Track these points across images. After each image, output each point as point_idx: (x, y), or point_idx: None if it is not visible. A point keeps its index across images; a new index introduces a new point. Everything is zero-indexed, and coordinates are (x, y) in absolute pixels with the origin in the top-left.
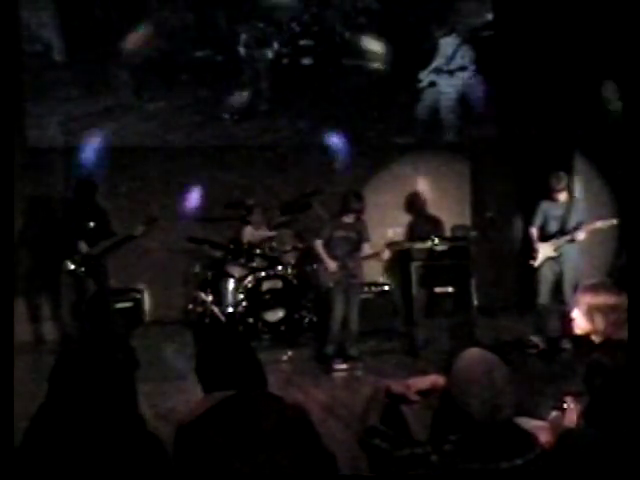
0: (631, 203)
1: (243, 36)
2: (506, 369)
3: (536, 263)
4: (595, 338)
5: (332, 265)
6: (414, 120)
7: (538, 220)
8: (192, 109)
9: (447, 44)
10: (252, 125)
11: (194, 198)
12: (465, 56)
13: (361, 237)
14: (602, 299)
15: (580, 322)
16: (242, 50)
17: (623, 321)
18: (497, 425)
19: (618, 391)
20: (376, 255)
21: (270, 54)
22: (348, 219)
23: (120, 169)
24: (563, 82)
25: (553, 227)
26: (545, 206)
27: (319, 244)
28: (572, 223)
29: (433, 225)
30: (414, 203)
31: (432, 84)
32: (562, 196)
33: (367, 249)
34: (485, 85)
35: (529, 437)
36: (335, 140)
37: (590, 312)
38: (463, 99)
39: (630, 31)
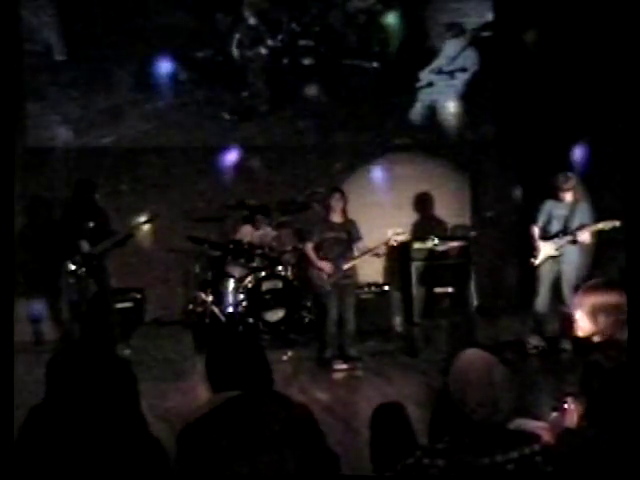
0: (632, 204)
1: (236, 36)
2: (505, 369)
3: (537, 261)
4: (597, 339)
5: (327, 267)
6: (414, 120)
7: (542, 219)
8: (192, 109)
9: (452, 45)
10: (252, 125)
11: (194, 198)
12: (468, 57)
13: (352, 237)
14: (606, 298)
15: (583, 324)
16: (236, 50)
17: (624, 321)
18: (493, 424)
19: (616, 392)
20: (371, 251)
21: (264, 52)
22: (337, 219)
23: (120, 169)
24: (564, 82)
25: (556, 226)
26: (550, 205)
27: (310, 248)
28: (575, 224)
29: (435, 225)
30: (418, 203)
31: (432, 84)
32: (568, 196)
33: (361, 247)
34: (486, 86)
35: (525, 434)
36: (336, 140)
37: (594, 312)
38: (463, 99)
39: (632, 29)
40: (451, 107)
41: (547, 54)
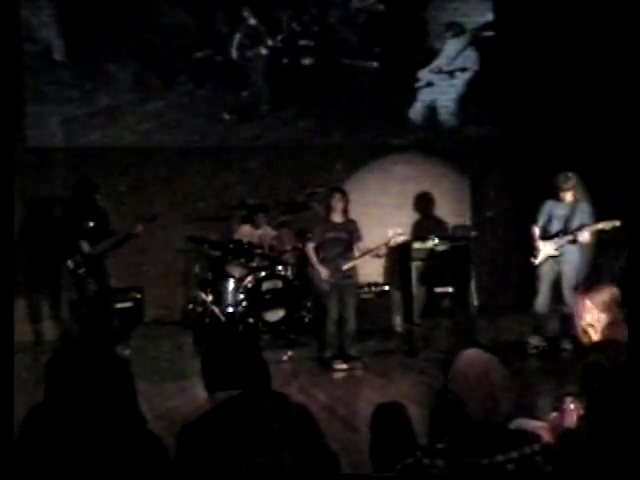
0: (632, 204)
1: (237, 36)
2: (504, 369)
3: (537, 261)
4: (611, 334)
5: (324, 272)
6: (414, 120)
7: (542, 219)
8: (192, 109)
9: (452, 45)
10: (252, 125)
11: (194, 198)
12: (468, 57)
13: (352, 237)
14: (613, 291)
15: (600, 321)
16: (236, 51)
17: (622, 319)
18: (493, 424)
19: (616, 393)
20: (372, 251)
21: (264, 52)
22: (338, 219)
23: (120, 169)
24: (564, 81)
25: (556, 226)
26: (550, 205)
27: (311, 248)
28: (576, 223)
29: (435, 225)
30: (418, 203)
31: (432, 84)
32: (568, 196)
33: (361, 247)
34: (486, 85)
35: (525, 434)
36: (335, 140)
37: (609, 306)
38: (464, 99)
39: (631, 28)
40: (451, 107)
41: (547, 53)
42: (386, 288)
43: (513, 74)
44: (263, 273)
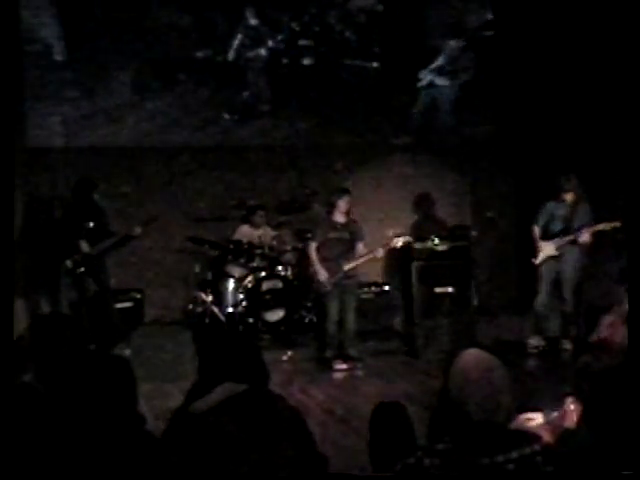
0: (632, 204)
1: (237, 36)
2: (505, 370)
3: (537, 261)
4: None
5: (323, 274)
6: (414, 120)
7: (543, 219)
8: (192, 109)
9: (452, 45)
10: (252, 125)
11: (194, 198)
12: (468, 57)
13: (355, 237)
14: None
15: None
16: (236, 51)
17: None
18: (493, 424)
19: (606, 394)
20: (370, 253)
21: (264, 53)
22: (340, 219)
23: (120, 169)
24: (564, 81)
25: (557, 227)
26: (551, 206)
27: (313, 248)
28: (576, 224)
29: (435, 225)
30: (418, 203)
31: (432, 84)
32: (569, 196)
33: (362, 248)
34: (486, 85)
35: (525, 434)
36: (335, 140)
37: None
38: (464, 99)
39: (630, 28)
40: (451, 107)
41: (547, 54)
42: (386, 288)
43: (513, 74)
44: (263, 273)
